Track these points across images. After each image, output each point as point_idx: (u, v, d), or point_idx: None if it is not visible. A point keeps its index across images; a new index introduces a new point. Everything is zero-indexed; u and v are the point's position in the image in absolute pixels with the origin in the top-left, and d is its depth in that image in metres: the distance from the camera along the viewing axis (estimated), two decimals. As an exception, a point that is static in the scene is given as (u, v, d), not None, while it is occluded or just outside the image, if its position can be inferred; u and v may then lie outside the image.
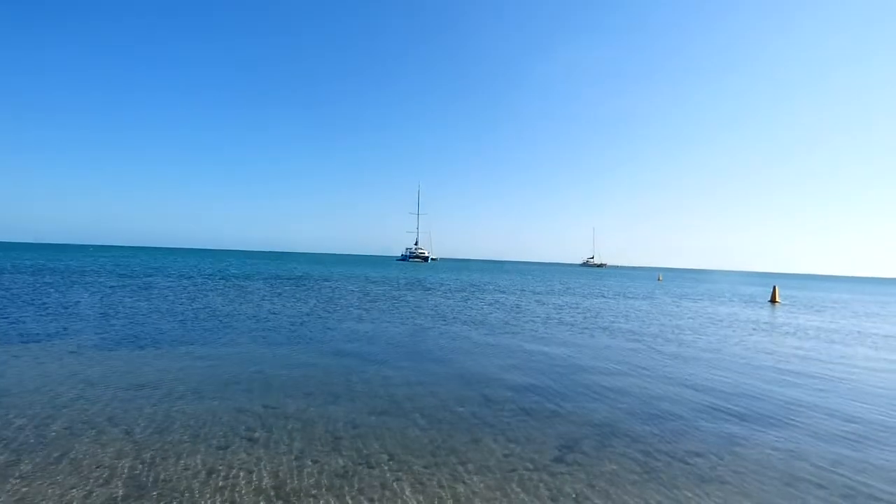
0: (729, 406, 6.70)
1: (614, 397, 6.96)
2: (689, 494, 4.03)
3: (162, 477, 3.97)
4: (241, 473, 4.10)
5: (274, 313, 14.73)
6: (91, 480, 3.85)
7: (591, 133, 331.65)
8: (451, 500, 3.79)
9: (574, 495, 3.95)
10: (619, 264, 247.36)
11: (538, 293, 28.63)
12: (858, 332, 15.83)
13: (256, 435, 4.99)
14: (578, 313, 18.30)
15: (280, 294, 21.28)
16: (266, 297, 19.47)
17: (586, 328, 14.13)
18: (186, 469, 4.14)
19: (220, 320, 12.86)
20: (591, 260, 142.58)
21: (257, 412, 5.71)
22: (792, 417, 6.30)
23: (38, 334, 9.83)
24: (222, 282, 27.31)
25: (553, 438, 5.25)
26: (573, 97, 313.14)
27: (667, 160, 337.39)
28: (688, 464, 4.68)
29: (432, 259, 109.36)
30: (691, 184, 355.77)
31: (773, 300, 29.13)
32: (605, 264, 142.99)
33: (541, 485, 4.11)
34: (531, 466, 4.48)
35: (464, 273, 59.93)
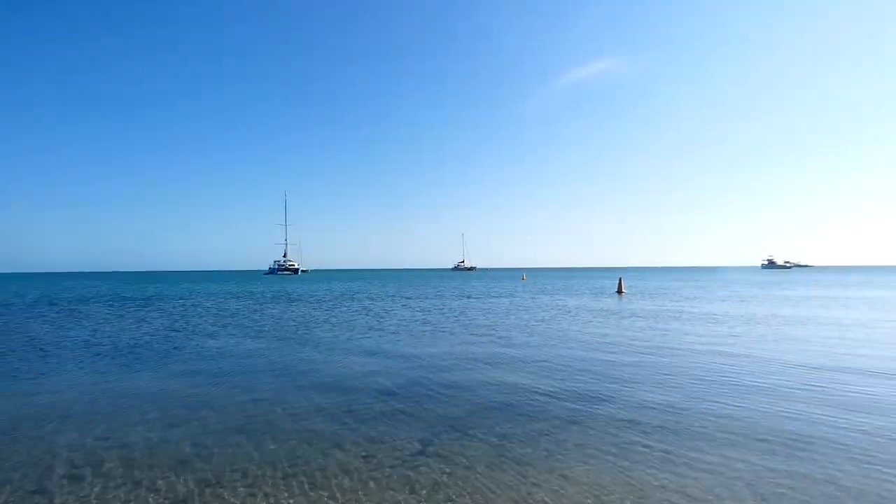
0: (571, 387, 7.39)
1: (472, 390, 7.29)
2: (538, 471, 4.37)
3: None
4: (60, 516, 3.59)
5: (110, 336, 13.10)
6: None
7: (455, 140, 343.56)
8: (307, 508, 3.68)
9: (433, 483, 4.07)
10: (490, 266, 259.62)
11: (408, 298, 29.01)
12: (680, 312, 18.43)
13: (82, 472, 4.40)
14: (442, 314, 18.87)
15: (121, 316, 18.96)
16: (106, 321, 17.25)
17: (444, 329, 14.60)
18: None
19: (42, 349, 11.11)
20: (462, 264, 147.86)
21: (86, 446, 5.03)
22: (624, 391, 7.12)
23: None
24: (50, 308, 23.58)
25: (415, 434, 5.35)
26: (436, 102, 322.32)
27: (528, 160, 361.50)
28: (536, 442, 5.07)
29: (303, 271, 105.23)
30: (558, 181, 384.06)
31: (619, 291, 32.69)
32: (475, 267, 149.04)
33: (401, 478, 4.17)
34: (393, 463, 4.53)
35: (335, 283, 58.64)
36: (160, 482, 4.15)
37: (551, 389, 7.22)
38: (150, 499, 3.85)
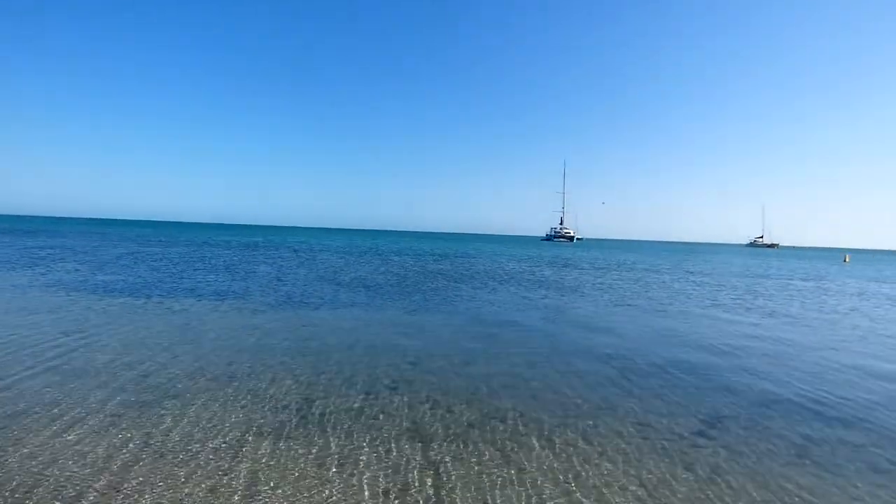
0: None
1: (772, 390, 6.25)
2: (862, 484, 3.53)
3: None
4: (382, 416, 4.55)
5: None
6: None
7: (752, 106, 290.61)
8: (583, 461, 3.79)
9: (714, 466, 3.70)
10: (794, 245, 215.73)
11: (689, 272, 26.38)
12: None
13: (397, 385, 5.46)
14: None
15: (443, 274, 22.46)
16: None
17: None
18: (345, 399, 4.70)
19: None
20: (760, 239, 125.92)
21: (398, 365, 6.22)
22: None
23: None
24: (405, 258, 29.51)
25: (697, 410, 4.92)
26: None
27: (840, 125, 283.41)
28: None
29: (578, 239, 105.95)
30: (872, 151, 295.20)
31: None
32: (777, 244, 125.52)
33: (680, 455, 3.92)
34: (671, 438, 4.28)
35: (611, 252, 57.23)
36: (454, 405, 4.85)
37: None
38: (450, 419, 4.54)
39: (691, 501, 3.22)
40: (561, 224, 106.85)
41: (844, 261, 55.12)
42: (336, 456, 3.66)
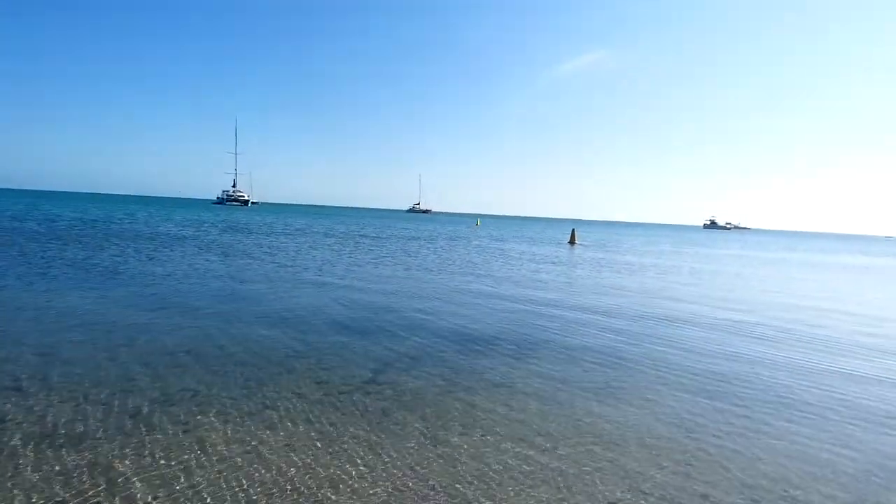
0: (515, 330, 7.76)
1: (428, 324, 7.54)
2: (482, 398, 4.66)
3: None
4: (7, 421, 3.57)
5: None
6: None
7: (421, 86, 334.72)
8: (265, 428, 3.82)
9: (381, 410, 4.28)
10: (445, 210, 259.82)
11: (368, 237, 28.90)
12: (626, 262, 19.32)
13: (21, 385, 4.34)
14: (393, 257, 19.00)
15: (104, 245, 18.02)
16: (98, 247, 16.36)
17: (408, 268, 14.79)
18: None
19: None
20: (417, 206, 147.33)
21: (23, 358, 4.94)
22: (569, 333, 7.55)
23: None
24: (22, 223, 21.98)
25: (369, 363, 5.54)
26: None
27: (482, 109, 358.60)
28: (483, 375, 5.37)
29: (253, 203, 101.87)
30: (508, 131, 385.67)
31: (571, 241, 33.65)
32: (430, 210, 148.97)
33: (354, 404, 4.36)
34: (345, 390, 4.70)
35: (286, 216, 57.36)
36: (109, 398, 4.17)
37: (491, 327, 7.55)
38: (100, 412, 3.88)
39: (366, 443, 3.66)
40: (234, 187, 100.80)
41: (476, 224, 69.14)
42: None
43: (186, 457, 3.28)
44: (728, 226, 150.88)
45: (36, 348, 5.42)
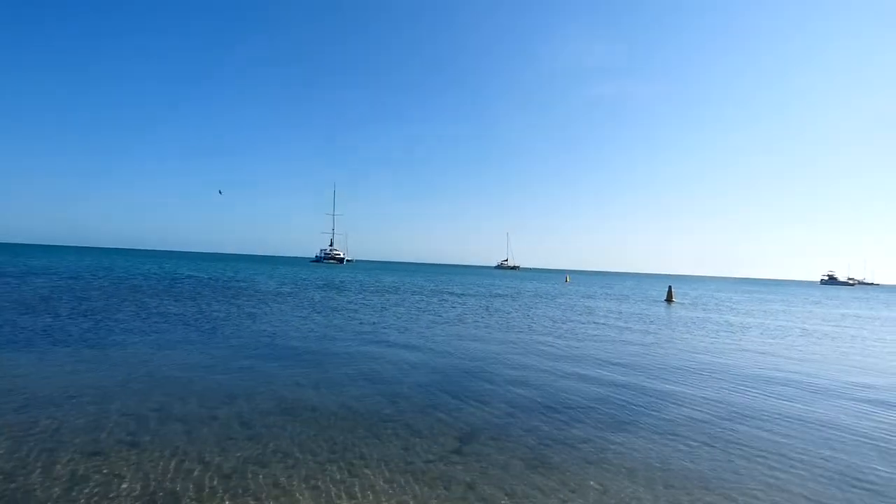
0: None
1: (518, 390, 7.24)
2: (575, 475, 4.29)
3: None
4: (115, 480, 3.80)
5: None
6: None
7: (500, 144, 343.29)
8: (348, 497, 3.75)
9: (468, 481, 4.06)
10: (532, 266, 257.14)
11: (454, 294, 29.11)
12: (731, 323, 17.66)
13: (137, 441, 4.65)
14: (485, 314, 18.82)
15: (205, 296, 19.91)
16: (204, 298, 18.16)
17: (488, 326, 14.56)
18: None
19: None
20: (506, 262, 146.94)
21: (139, 413, 5.32)
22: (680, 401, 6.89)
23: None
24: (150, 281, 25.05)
25: (454, 430, 5.36)
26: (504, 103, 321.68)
27: (577, 160, 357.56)
28: (576, 448, 4.98)
29: (348, 260, 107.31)
30: (596, 188, 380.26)
31: (668, 299, 31.65)
32: (518, 266, 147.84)
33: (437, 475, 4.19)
34: (430, 458, 4.55)
35: (383, 274, 59.51)
36: (209, 454, 4.33)
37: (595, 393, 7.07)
38: (200, 471, 4.02)
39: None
40: (331, 246, 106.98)
41: (566, 280, 67.47)
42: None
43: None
44: (851, 281, 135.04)
45: (156, 403, 5.85)
